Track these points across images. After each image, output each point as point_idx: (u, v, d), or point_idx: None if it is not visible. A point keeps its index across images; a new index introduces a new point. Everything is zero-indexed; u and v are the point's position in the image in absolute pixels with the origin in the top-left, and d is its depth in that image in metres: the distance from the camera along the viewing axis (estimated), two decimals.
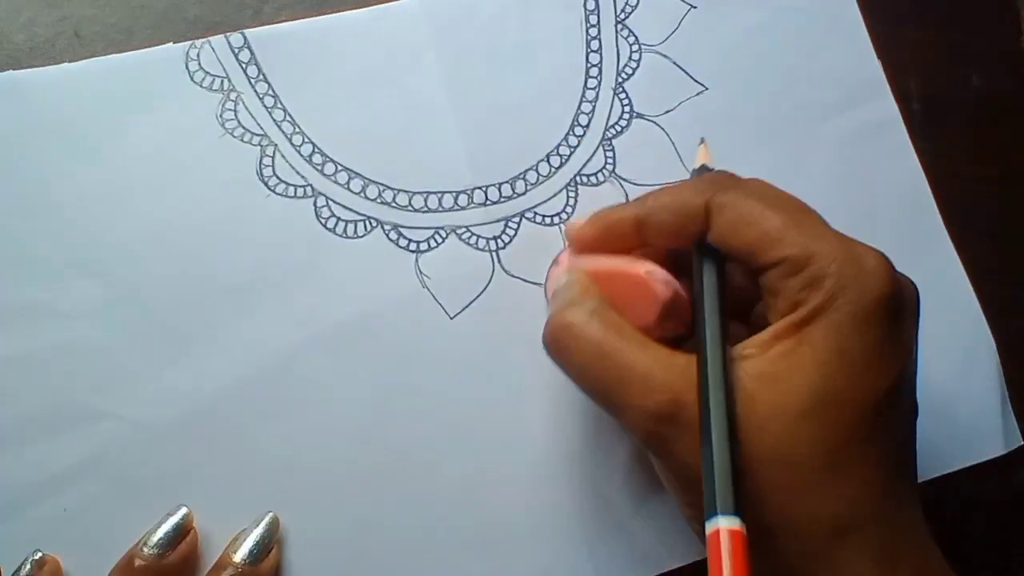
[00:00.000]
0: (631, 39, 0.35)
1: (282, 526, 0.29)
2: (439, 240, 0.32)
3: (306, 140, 0.32)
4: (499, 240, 0.33)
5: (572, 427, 0.32)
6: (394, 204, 0.32)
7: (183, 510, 0.29)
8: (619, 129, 0.34)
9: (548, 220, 0.33)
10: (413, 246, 0.32)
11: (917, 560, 0.24)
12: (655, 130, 0.34)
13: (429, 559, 0.30)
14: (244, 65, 0.33)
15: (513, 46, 0.34)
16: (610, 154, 0.34)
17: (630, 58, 0.35)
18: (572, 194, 0.33)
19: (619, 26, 0.35)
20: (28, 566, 0.28)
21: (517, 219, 0.33)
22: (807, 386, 0.23)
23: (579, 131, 0.34)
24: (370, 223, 0.32)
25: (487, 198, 0.33)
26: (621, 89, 0.35)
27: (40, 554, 0.28)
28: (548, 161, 0.34)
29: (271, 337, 0.31)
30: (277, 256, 0.31)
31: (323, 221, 0.32)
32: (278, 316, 0.31)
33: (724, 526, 0.21)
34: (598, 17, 0.35)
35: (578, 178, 0.34)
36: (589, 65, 0.35)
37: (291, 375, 0.31)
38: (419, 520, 0.30)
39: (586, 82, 0.34)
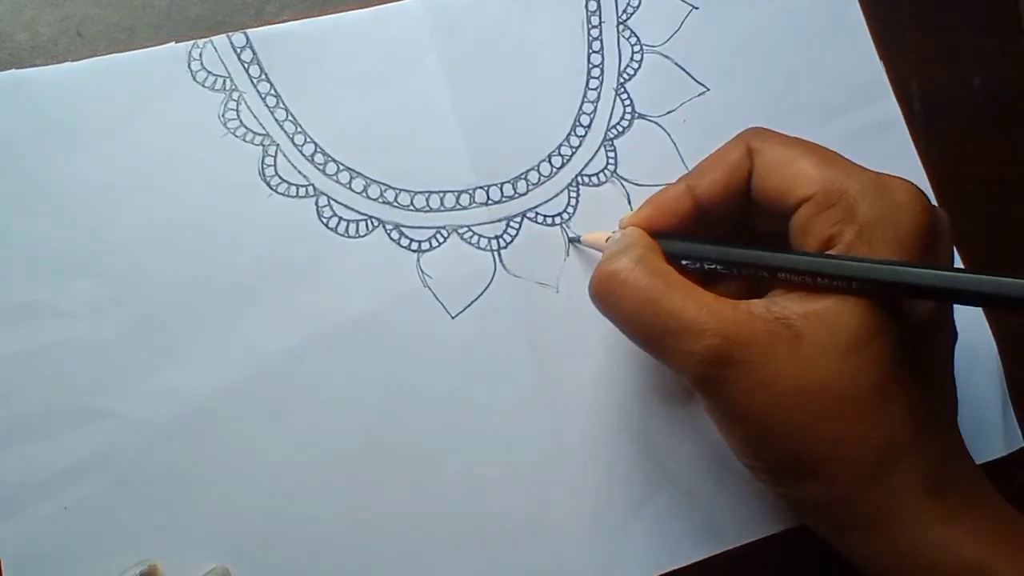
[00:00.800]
0: (632, 40, 0.35)
1: (281, 525, 0.29)
2: (441, 240, 0.32)
3: (308, 140, 0.32)
4: (501, 240, 0.33)
5: (572, 427, 0.32)
6: (396, 204, 0.33)
7: (147, 563, 0.28)
8: (620, 130, 0.34)
9: (550, 220, 0.33)
10: (415, 246, 0.32)
11: (964, 483, 0.25)
12: (656, 131, 0.34)
13: (429, 559, 0.30)
14: (246, 65, 0.33)
15: (515, 46, 0.34)
16: (611, 154, 0.34)
17: (631, 59, 0.35)
18: (573, 194, 0.33)
19: (621, 27, 0.35)
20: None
21: (519, 219, 0.33)
22: (852, 322, 0.24)
23: (581, 131, 0.34)
24: (372, 223, 0.32)
25: (489, 198, 0.33)
26: (623, 90, 0.35)
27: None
28: (550, 161, 0.34)
29: (272, 336, 0.31)
30: (279, 255, 0.31)
31: (325, 221, 0.32)
32: (279, 316, 0.31)
33: None
34: (600, 18, 0.35)
35: (580, 178, 0.34)
36: (591, 66, 0.35)
37: (292, 375, 0.31)
38: (419, 520, 0.30)
39: (588, 83, 0.34)
